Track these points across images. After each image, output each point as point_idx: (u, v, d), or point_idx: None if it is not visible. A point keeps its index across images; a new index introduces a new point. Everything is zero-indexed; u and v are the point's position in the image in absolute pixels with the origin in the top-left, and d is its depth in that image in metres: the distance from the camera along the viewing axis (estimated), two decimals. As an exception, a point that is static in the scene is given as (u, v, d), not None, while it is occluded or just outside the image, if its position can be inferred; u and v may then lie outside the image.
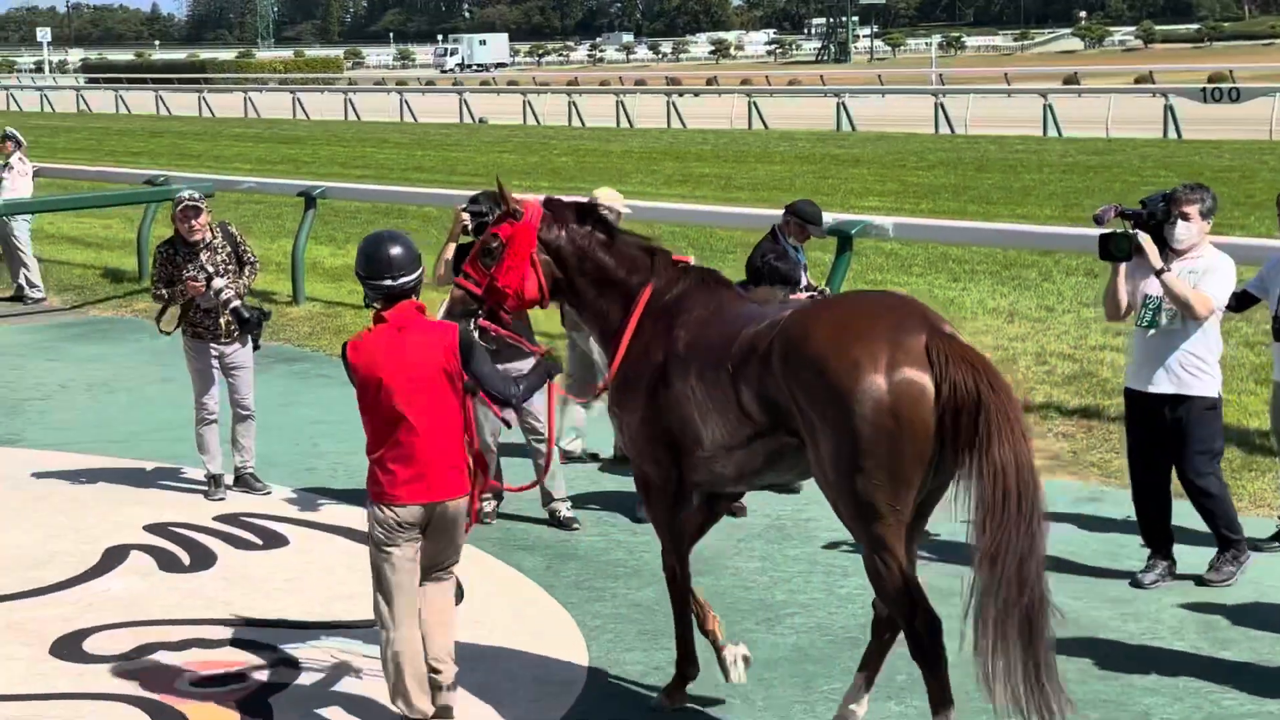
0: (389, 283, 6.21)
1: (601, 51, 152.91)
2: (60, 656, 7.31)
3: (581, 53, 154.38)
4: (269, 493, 9.88)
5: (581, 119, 50.55)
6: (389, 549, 6.19)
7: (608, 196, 10.46)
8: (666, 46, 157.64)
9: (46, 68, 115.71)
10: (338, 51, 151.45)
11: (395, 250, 6.22)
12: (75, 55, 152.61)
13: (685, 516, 6.54)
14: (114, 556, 8.68)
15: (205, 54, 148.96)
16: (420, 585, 6.30)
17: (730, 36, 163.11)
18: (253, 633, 7.56)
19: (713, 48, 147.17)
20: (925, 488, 5.61)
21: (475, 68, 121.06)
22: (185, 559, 8.67)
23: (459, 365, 6.20)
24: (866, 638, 6.27)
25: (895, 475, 5.50)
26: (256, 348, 9.85)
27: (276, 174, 31.01)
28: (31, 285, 17.91)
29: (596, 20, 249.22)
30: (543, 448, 8.63)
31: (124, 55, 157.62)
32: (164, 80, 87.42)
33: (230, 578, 8.34)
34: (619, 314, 6.55)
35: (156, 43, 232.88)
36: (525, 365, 7.52)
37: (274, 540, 8.99)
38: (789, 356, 5.69)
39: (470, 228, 9.20)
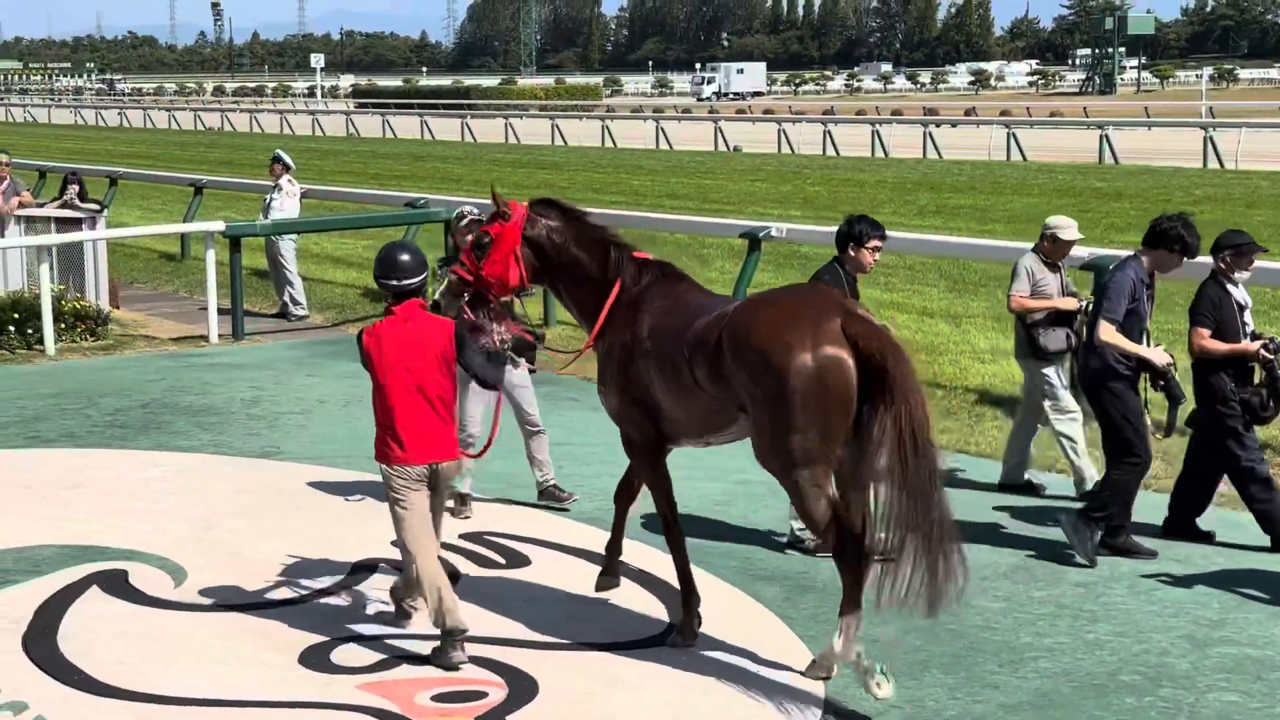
0: (395, 283, 7.50)
1: (859, 81, 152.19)
2: (308, 666, 7.48)
3: (838, 82, 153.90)
4: (575, 500, 10.14)
5: (836, 148, 50.34)
6: (405, 501, 7.47)
7: (1060, 225, 10.29)
8: (925, 76, 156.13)
9: (319, 93, 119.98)
10: (597, 79, 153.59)
11: (403, 257, 7.53)
12: (346, 81, 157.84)
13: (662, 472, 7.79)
14: (362, 570, 8.87)
15: (470, 80, 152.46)
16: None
17: (991, 67, 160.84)
18: (493, 651, 7.63)
19: (972, 78, 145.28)
20: (847, 439, 6.81)
21: (731, 96, 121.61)
22: (430, 575, 8.79)
23: (455, 353, 7.47)
24: (1113, 685, 6.05)
25: (825, 431, 6.77)
26: (532, 371, 9.95)
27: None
28: (295, 303, 18.49)
29: (855, 50, 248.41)
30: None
31: (392, 81, 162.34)
32: (429, 106, 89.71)
33: (472, 595, 8.44)
34: (593, 301, 7.78)
35: (424, 69, 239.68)
36: None
37: (516, 560, 9.08)
38: (735, 344, 6.96)
39: None
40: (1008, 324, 11.97)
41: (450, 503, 9.89)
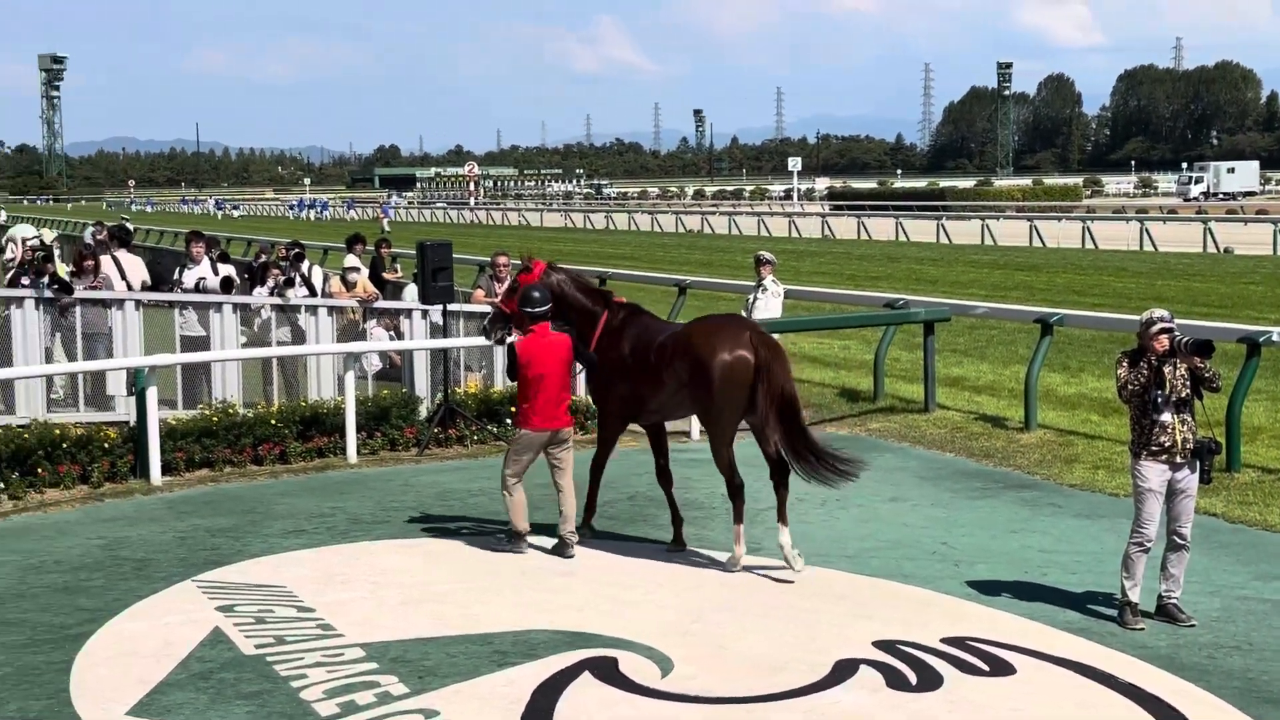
0: (532, 310, 11.58)
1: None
2: (790, 762, 7.48)
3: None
4: (1194, 623, 9.65)
5: (1342, 248, 47.61)
6: (523, 454, 11.64)
7: None
8: None
9: (795, 195, 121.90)
10: (1076, 180, 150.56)
11: (536, 294, 11.63)
12: (821, 183, 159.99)
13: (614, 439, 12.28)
14: (844, 669, 8.84)
15: (944, 182, 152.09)
16: (557, 474, 11.78)
17: None
18: (977, 760, 7.46)
19: None
20: (747, 412, 11.11)
21: (1221, 196, 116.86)
22: (912, 678, 8.69)
23: (572, 356, 11.65)
24: None
25: (735, 407, 11.05)
26: (1206, 480, 9.74)
27: (1010, 300, 31.08)
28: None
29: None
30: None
31: (867, 183, 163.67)
32: (904, 207, 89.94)
33: (955, 701, 8.29)
34: (589, 328, 11.96)
35: (898, 171, 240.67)
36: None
37: (1001, 667, 8.86)
38: (679, 350, 11.23)
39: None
40: None
41: (1119, 613, 9.69)
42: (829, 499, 13.73)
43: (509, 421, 17.05)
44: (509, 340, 12.01)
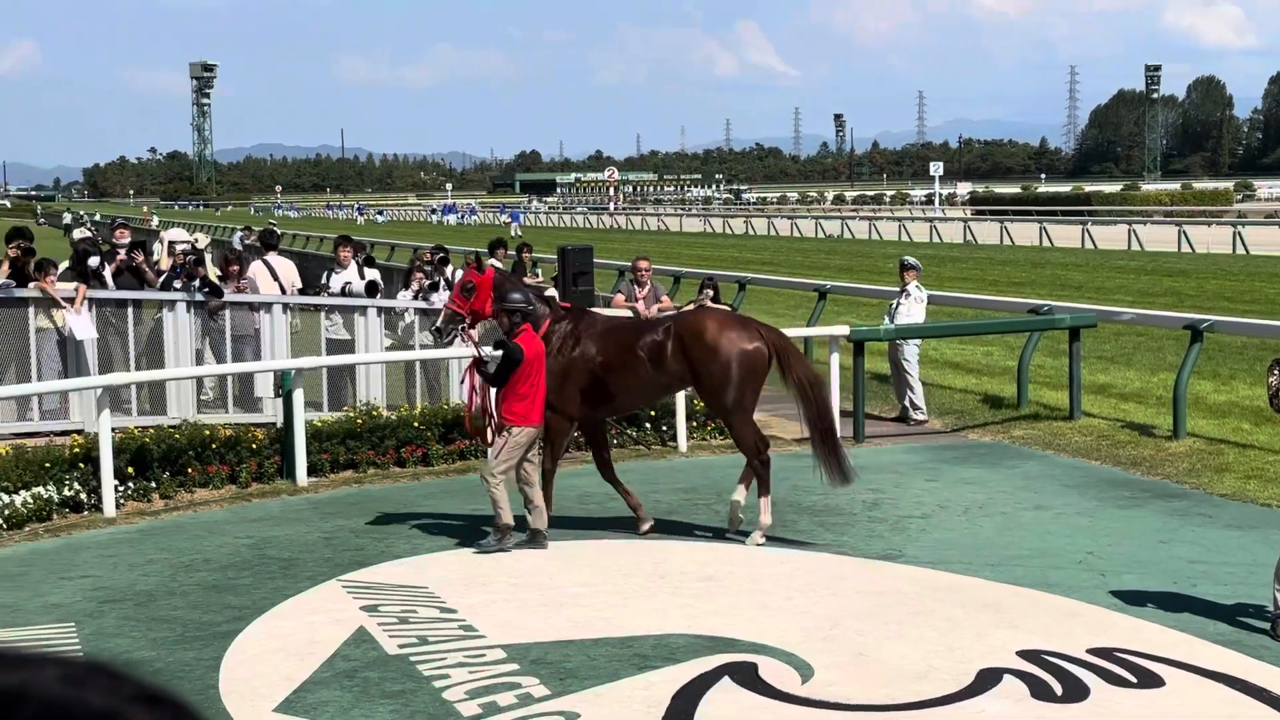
0: (528, 309, 11.96)
1: None
2: (932, 771, 7.41)
3: None
4: None
5: None
6: (524, 449, 11.87)
7: None
8: None
9: (936, 200, 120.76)
10: (1227, 184, 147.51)
11: (518, 294, 12.04)
12: (963, 188, 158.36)
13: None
14: (987, 678, 8.73)
15: (1090, 186, 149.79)
16: (525, 461, 11.99)
17: None
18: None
19: None
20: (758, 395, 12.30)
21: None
22: (1057, 689, 8.56)
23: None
24: None
25: (753, 390, 12.14)
26: None
27: (1158, 306, 30.52)
28: (915, 407, 18.59)
29: None
30: None
31: (1010, 188, 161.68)
32: (1048, 212, 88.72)
33: (1103, 713, 8.14)
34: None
35: (1042, 176, 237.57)
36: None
37: (1149, 679, 8.69)
38: (686, 344, 12.09)
39: None
40: None
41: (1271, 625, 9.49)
42: (971, 507, 13.59)
43: (647, 426, 17.10)
44: (511, 341, 12.15)
